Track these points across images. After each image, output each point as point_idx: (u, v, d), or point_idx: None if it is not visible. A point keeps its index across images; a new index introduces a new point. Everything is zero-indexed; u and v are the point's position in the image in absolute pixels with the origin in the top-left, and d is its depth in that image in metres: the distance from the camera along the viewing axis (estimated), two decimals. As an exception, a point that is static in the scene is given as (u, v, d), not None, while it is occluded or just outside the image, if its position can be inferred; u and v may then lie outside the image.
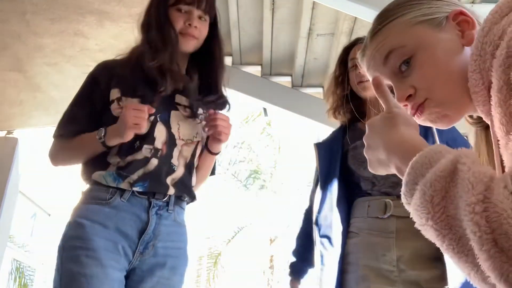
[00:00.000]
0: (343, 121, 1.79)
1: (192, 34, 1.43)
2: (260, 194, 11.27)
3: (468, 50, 0.71)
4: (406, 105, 0.76)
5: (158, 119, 1.39)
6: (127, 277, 1.32)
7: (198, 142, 1.49)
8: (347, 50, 1.78)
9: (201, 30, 1.46)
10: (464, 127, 2.88)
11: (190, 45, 1.46)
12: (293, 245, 1.83)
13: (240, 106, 10.60)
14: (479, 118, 0.77)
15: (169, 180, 1.38)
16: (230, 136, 1.51)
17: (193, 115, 1.48)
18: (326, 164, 1.72)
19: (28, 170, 5.71)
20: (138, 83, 1.40)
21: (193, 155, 1.47)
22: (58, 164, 1.49)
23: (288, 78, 3.72)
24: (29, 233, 6.47)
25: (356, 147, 1.68)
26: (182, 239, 1.43)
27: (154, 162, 1.36)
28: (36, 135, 5.59)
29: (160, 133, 1.39)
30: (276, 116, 10.57)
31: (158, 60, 1.38)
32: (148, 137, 1.36)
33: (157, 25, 1.42)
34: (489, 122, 0.65)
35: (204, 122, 1.49)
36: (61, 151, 1.46)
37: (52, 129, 1.52)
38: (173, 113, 1.43)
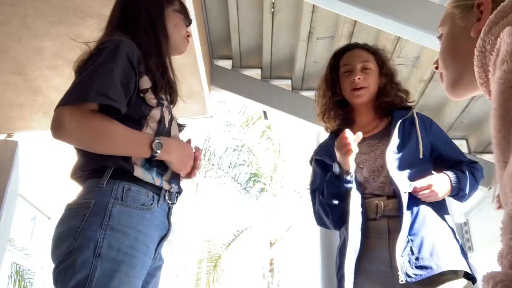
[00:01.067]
0: (331, 125, 1.82)
1: (188, 42, 1.52)
2: (260, 197, 11.26)
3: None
4: (436, 69, 0.94)
5: (172, 118, 1.39)
6: None
7: None
8: (339, 55, 1.80)
9: None
10: (464, 130, 2.89)
11: (185, 50, 1.53)
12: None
13: (240, 109, 10.61)
14: None
15: (181, 182, 1.40)
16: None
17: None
18: (321, 180, 1.72)
19: (28, 173, 5.70)
20: (162, 82, 1.34)
21: None
22: (72, 143, 1.18)
23: (288, 81, 3.73)
24: (29, 236, 6.46)
25: None
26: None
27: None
28: (36, 138, 5.58)
29: (174, 131, 1.38)
30: (276, 119, 10.58)
31: (169, 75, 1.41)
32: (167, 135, 1.32)
33: (163, 28, 1.41)
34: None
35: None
36: (98, 137, 1.17)
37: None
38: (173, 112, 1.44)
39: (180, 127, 1.49)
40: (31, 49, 2.76)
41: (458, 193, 1.61)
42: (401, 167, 1.56)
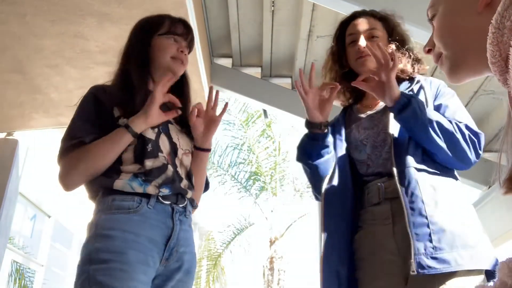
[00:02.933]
0: (342, 100, 1.74)
1: (183, 59, 1.55)
2: (260, 196, 11.27)
3: (488, 14, 0.71)
4: (429, 54, 0.87)
5: (161, 131, 1.46)
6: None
7: (191, 153, 1.57)
8: (345, 25, 1.70)
9: (187, 58, 1.59)
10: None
11: (180, 69, 1.56)
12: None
13: (240, 108, 10.61)
14: None
15: (182, 185, 1.44)
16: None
17: (186, 129, 1.57)
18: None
19: (28, 172, 5.71)
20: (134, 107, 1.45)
21: (190, 164, 1.55)
22: (75, 182, 1.39)
23: (288, 80, 3.73)
24: (29, 235, 6.47)
25: (351, 131, 1.62)
26: (193, 244, 1.49)
27: (171, 168, 1.42)
28: (36, 137, 5.58)
29: (163, 144, 1.45)
30: (276, 118, 10.58)
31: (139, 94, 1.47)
32: (156, 147, 1.42)
33: (138, 59, 1.52)
34: (506, 89, 0.66)
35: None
36: (82, 160, 1.35)
37: (52, 131, 1.50)
38: (170, 126, 1.52)
39: (185, 132, 1.58)
40: (31, 47, 2.76)
41: (404, 106, 1.39)
42: (405, 139, 1.44)
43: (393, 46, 1.60)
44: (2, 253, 3.49)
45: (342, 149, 1.60)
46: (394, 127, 1.47)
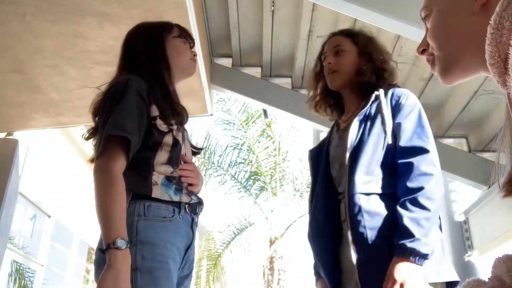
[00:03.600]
0: (324, 115, 1.82)
1: (196, 61, 1.60)
2: (260, 196, 11.26)
3: (484, 14, 0.71)
4: (423, 55, 0.85)
5: (184, 139, 1.48)
6: None
7: None
8: (323, 46, 1.78)
9: None
10: (464, 128, 2.86)
11: (195, 71, 1.61)
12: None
13: (240, 108, 10.61)
14: None
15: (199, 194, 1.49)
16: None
17: (188, 138, 1.58)
18: (314, 172, 1.73)
19: (28, 172, 5.71)
20: (169, 108, 1.45)
21: None
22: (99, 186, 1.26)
23: (288, 80, 3.73)
24: (29, 235, 6.47)
25: (330, 148, 1.70)
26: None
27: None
28: (36, 137, 5.58)
29: (188, 151, 1.50)
30: (276, 118, 10.57)
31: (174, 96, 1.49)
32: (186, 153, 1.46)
33: (164, 59, 1.51)
34: (505, 91, 0.65)
35: None
36: (107, 183, 1.25)
37: (52, 131, 1.48)
38: (185, 133, 1.53)
39: (196, 150, 1.59)
40: (31, 47, 2.76)
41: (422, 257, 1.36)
42: (358, 162, 1.47)
43: (362, 60, 1.66)
44: (2, 253, 3.49)
45: (323, 166, 1.67)
46: (351, 146, 1.51)
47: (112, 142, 1.28)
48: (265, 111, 4.57)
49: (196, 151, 1.59)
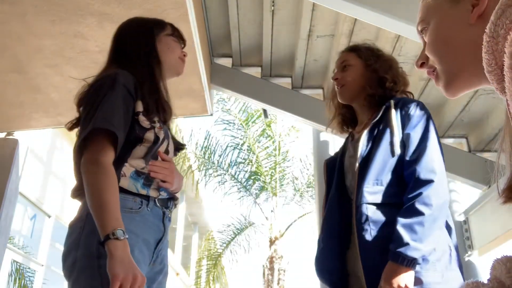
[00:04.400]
0: (340, 132, 1.88)
1: (185, 61, 1.60)
2: (260, 196, 11.26)
3: (481, 24, 0.72)
4: (422, 68, 0.86)
5: (166, 136, 1.47)
6: None
7: None
8: None
9: None
10: (464, 128, 2.85)
11: (183, 70, 1.60)
12: None
13: (240, 108, 10.60)
14: None
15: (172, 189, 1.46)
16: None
17: (173, 135, 1.56)
18: (328, 181, 1.78)
19: (28, 172, 5.71)
20: (154, 105, 1.44)
21: None
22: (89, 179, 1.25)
23: (288, 80, 3.73)
24: (29, 235, 6.47)
25: (345, 158, 1.75)
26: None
27: None
28: (36, 137, 5.59)
29: (171, 147, 1.49)
30: (276, 118, 10.57)
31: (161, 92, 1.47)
32: (167, 150, 1.45)
33: (155, 55, 1.51)
34: (504, 99, 0.66)
35: None
36: (95, 173, 1.25)
37: (52, 131, 1.48)
38: (168, 131, 1.52)
39: (180, 146, 1.58)
40: (31, 47, 2.76)
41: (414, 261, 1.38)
42: (367, 172, 1.52)
43: (369, 72, 1.72)
44: (2, 253, 3.49)
45: (337, 175, 1.73)
46: (360, 157, 1.56)
47: (100, 135, 1.28)
48: (265, 111, 4.56)
49: (180, 147, 1.59)
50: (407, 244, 1.35)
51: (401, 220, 1.39)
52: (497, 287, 0.64)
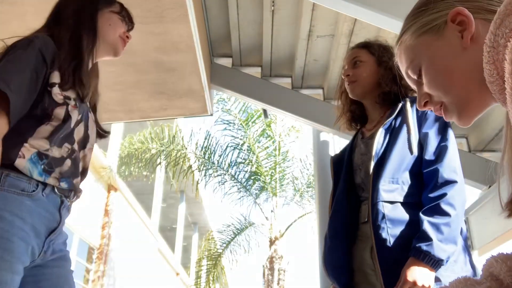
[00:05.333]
0: (349, 129, 1.85)
1: (126, 43, 1.52)
2: (260, 196, 11.26)
3: (475, 46, 0.72)
4: (427, 107, 0.84)
5: (82, 119, 1.36)
6: (24, 275, 1.20)
7: (92, 150, 1.46)
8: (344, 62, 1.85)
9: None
10: (464, 128, 2.85)
11: (121, 52, 1.52)
12: None
13: (240, 108, 10.61)
14: None
15: (75, 181, 1.36)
16: None
17: (97, 123, 1.48)
18: (335, 177, 1.77)
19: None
20: (72, 78, 1.33)
21: (89, 162, 1.45)
22: None
23: (288, 80, 3.73)
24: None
25: (354, 155, 1.73)
26: (65, 232, 1.41)
27: (68, 163, 1.31)
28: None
29: (78, 133, 1.35)
30: (276, 118, 10.57)
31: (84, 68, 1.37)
32: (69, 136, 1.31)
33: (90, 25, 1.43)
34: (506, 109, 0.66)
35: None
36: None
37: None
38: (90, 115, 1.43)
39: (102, 133, 1.50)
40: (31, 47, 2.76)
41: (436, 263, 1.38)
42: (383, 170, 1.50)
43: (382, 69, 1.69)
44: (2, 253, 3.49)
45: (345, 172, 1.71)
46: (376, 155, 1.55)
47: None
48: (265, 111, 4.57)
49: (103, 133, 1.50)
50: (436, 243, 1.34)
51: (427, 219, 1.38)
52: (495, 286, 0.64)
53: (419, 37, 0.81)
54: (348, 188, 1.67)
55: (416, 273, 1.33)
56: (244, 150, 11.14)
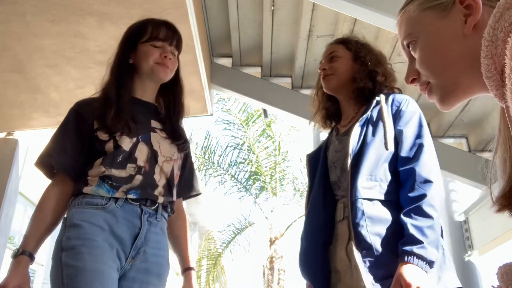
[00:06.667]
0: (324, 127, 1.83)
1: (167, 65, 1.57)
2: (260, 196, 11.26)
3: (476, 35, 0.71)
4: (413, 84, 0.82)
5: (140, 140, 1.50)
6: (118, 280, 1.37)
7: (175, 160, 1.58)
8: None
9: (173, 62, 1.60)
10: (464, 128, 2.86)
11: (166, 74, 1.58)
12: None
13: (240, 107, 10.61)
14: None
15: (156, 192, 1.48)
16: None
17: (171, 136, 1.58)
18: (311, 176, 1.75)
19: (28, 171, 5.70)
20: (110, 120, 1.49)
21: (172, 171, 1.55)
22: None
23: (288, 80, 3.73)
24: (29, 235, 6.47)
25: (329, 152, 1.71)
26: (166, 248, 1.52)
27: (139, 178, 1.45)
28: (36, 137, 5.58)
29: (141, 152, 1.48)
30: (276, 118, 10.57)
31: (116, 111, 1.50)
32: (130, 157, 1.46)
33: (117, 70, 1.57)
34: (503, 105, 0.65)
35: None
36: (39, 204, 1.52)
37: (52, 130, 1.54)
38: (152, 134, 1.54)
39: (178, 145, 1.59)
40: (31, 47, 2.76)
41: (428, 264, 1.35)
42: (360, 167, 1.47)
43: (358, 65, 1.68)
44: (2, 253, 3.49)
45: (321, 170, 1.69)
46: (350, 155, 1.52)
47: (43, 170, 1.54)
48: (265, 111, 4.57)
49: (178, 144, 1.60)
50: (425, 246, 1.32)
51: (410, 221, 1.35)
52: None
53: (424, 11, 0.79)
54: (324, 187, 1.64)
55: (415, 275, 1.29)
56: (244, 150, 11.14)
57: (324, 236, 1.57)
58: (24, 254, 1.37)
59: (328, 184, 1.65)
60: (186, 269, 1.62)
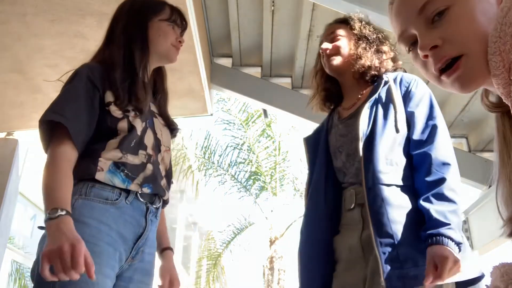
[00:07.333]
0: (323, 110, 1.75)
1: (179, 48, 1.52)
2: (260, 196, 11.26)
3: None
4: (426, 55, 0.70)
5: (148, 125, 1.41)
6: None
7: (170, 150, 1.53)
8: (321, 40, 1.72)
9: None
10: (464, 128, 2.86)
11: (176, 58, 1.53)
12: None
13: (240, 108, 10.61)
14: (499, 103, 0.72)
15: (160, 184, 1.40)
16: None
17: (166, 123, 1.52)
18: (311, 161, 1.67)
19: (28, 172, 5.70)
20: (126, 94, 1.38)
21: (170, 162, 1.50)
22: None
23: (288, 80, 3.73)
24: (29, 235, 6.46)
25: (331, 137, 1.62)
26: (156, 245, 1.45)
27: (150, 167, 1.36)
28: (36, 137, 5.58)
29: (148, 139, 1.39)
30: (276, 118, 10.57)
31: (137, 78, 1.40)
32: (141, 143, 1.36)
33: (141, 40, 1.46)
34: (509, 104, 0.61)
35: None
36: (46, 167, 1.25)
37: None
38: (155, 120, 1.47)
39: (173, 131, 1.54)
40: (31, 47, 2.76)
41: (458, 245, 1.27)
42: (375, 151, 1.38)
43: (361, 44, 1.60)
44: (2, 253, 3.49)
45: (322, 155, 1.60)
46: (361, 137, 1.42)
47: (53, 128, 1.31)
48: (265, 111, 4.57)
49: (174, 131, 1.55)
50: (452, 227, 1.23)
51: (432, 207, 1.26)
52: None
53: None
54: (326, 173, 1.56)
55: (451, 254, 1.20)
56: (244, 150, 11.14)
57: (329, 226, 1.50)
58: (68, 214, 1.13)
59: (331, 170, 1.57)
60: (164, 249, 1.53)
